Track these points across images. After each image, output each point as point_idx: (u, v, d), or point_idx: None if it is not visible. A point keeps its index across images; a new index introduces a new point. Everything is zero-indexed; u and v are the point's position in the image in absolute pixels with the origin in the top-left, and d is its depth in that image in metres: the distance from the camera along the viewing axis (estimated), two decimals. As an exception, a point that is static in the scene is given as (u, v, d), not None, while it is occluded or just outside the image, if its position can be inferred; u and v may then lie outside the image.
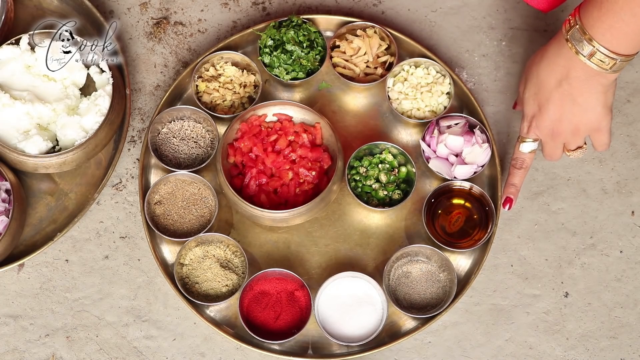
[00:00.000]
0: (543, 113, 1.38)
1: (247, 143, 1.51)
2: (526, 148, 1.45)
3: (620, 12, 1.21)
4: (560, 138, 1.40)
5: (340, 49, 1.58)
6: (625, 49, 1.26)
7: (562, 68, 1.32)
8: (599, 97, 1.34)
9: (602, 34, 1.25)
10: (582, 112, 1.35)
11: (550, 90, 1.35)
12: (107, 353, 1.50)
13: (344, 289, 1.48)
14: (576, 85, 1.32)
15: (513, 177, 1.48)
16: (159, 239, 1.52)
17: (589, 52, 1.27)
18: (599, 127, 1.38)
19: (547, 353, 1.51)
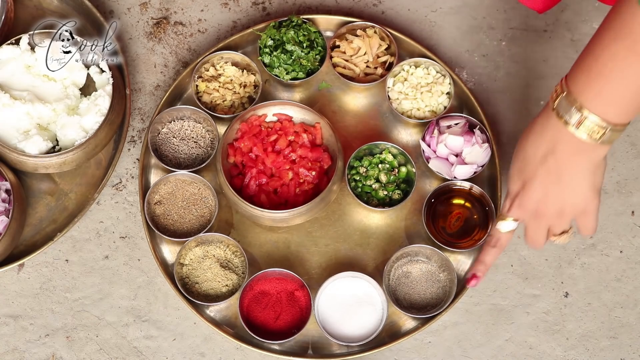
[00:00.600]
0: (527, 191, 1.26)
1: (247, 143, 1.51)
2: (505, 227, 1.33)
3: (610, 75, 1.12)
4: (544, 220, 1.28)
5: (340, 49, 1.58)
6: (615, 115, 1.15)
7: (548, 141, 1.21)
8: (586, 176, 1.23)
9: (590, 99, 1.15)
10: (568, 192, 1.24)
11: (535, 166, 1.24)
12: (107, 353, 1.50)
13: (344, 289, 1.49)
14: (563, 160, 1.21)
15: (485, 254, 1.37)
16: (159, 239, 1.52)
17: (577, 121, 1.16)
18: (586, 210, 1.26)
19: (547, 353, 1.51)
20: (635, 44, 1.08)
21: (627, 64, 1.10)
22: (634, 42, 1.08)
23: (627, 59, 1.10)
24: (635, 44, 1.08)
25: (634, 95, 1.13)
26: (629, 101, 1.14)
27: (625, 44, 1.09)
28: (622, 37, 1.09)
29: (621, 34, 1.09)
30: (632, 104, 1.14)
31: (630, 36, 1.08)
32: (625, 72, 1.11)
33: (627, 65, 1.10)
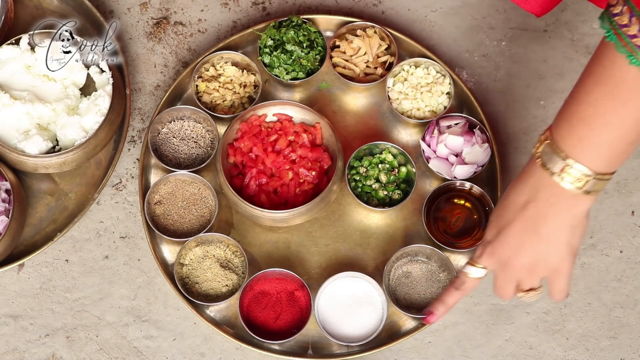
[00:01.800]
0: (501, 239, 1.20)
1: (247, 143, 1.51)
2: (472, 273, 1.26)
3: (592, 121, 1.09)
4: (514, 273, 1.22)
5: (340, 49, 1.58)
6: (598, 164, 1.11)
7: (530, 188, 1.16)
8: (565, 231, 1.17)
9: (573, 146, 1.11)
10: (543, 245, 1.18)
11: (514, 213, 1.18)
12: (107, 353, 1.50)
13: (344, 289, 1.49)
14: (543, 209, 1.16)
15: (447, 295, 1.31)
16: (159, 239, 1.52)
17: (560, 168, 1.12)
18: (559, 269, 1.20)
19: (547, 353, 1.51)
20: (615, 89, 1.06)
21: (608, 109, 1.07)
22: (615, 86, 1.06)
23: (608, 104, 1.07)
24: (616, 88, 1.06)
25: (616, 142, 1.09)
26: (611, 148, 1.10)
27: (606, 89, 1.06)
28: (603, 83, 1.07)
29: (602, 79, 1.07)
30: (615, 152, 1.11)
31: (611, 81, 1.06)
32: (607, 118, 1.08)
33: (608, 111, 1.07)
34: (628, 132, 1.08)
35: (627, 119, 1.07)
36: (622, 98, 1.06)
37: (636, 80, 1.04)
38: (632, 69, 1.03)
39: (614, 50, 1.04)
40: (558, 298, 1.23)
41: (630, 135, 1.09)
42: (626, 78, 1.04)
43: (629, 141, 1.09)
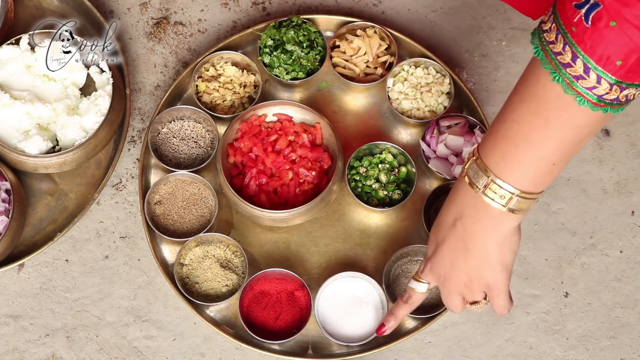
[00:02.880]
0: (437, 256, 1.22)
1: (247, 143, 1.51)
2: (417, 287, 1.28)
3: (515, 138, 1.07)
4: (453, 288, 1.22)
5: (340, 49, 1.58)
6: (521, 182, 1.09)
7: (458, 205, 1.17)
8: (493, 248, 1.16)
9: (496, 162, 1.10)
10: (473, 262, 1.18)
11: (445, 230, 1.19)
12: (107, 353, 1.50)
13: (344, 289, 1.49)
14: (469, 227, 1.15)
15: (397, 308, 1.33)
16: (159, 239, 1.52)
17: (483, 184, 1.11)
18: (493, 286, 1.19)
19: (547, 353, 1.51)
20: (539, 107, 1.05)
21: (532, 128, 1.06)
22: (538, 104, 1.05)
23: (532, 122, 1.06)
24: (540, 106, 1.05)
25: (540, 162, 1.08)
26: (535, 168, 1.09)
27: (530, 107, 1.06)
28: (527, 100, 1.06)
29: (527, 96, 1.06)
30: (538, 171, 1.09)
31: (535, 99, 1.05)
32: (530, 137, 1.07)
33: (531, 130, 1.06)
34: (551, 153, 1.07)
35: (550, 139, 1.06)
36: (545, 117, 1.05)
37: (559, 99, 1.03)
38: (556, 87, 1.02)
39: (540, 67, 1.03)
40: (500, 313, 1.23)
41: (554, 156, 1.07)
42: (549, 97, 1.03)
43: (552, 161, 1.08)
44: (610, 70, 0.98)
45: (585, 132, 1.06)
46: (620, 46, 0.96)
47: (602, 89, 1.00)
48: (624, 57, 0.97)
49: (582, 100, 1.01)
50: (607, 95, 1.00)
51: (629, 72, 0.98)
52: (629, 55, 0.97)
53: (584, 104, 1.01)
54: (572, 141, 1.06)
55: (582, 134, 1.06)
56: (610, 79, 0.99)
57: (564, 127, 1.05)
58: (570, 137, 1.06)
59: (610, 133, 1.60)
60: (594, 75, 0.99)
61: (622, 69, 0.98)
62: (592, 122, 1.04)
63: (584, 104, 1.01)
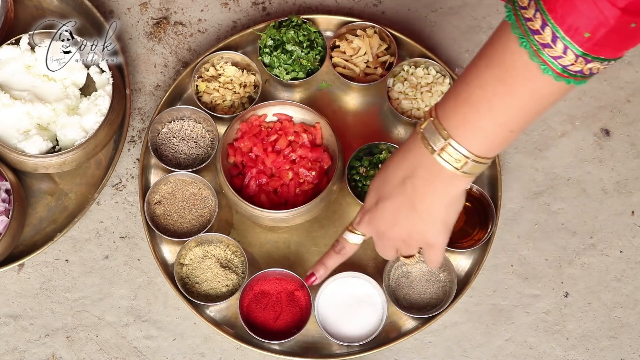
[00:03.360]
0: (378, 210, 1.21)
1: (247, 143, 1.51)
2: (351, 239, 1.28)
3: (477, 103, 1.07)
4: (390, 242, 1.24)
5: (340, 49, 1.58)
6: (478, 147, 1.09)
7: (410, 164, 1.15)
8: (440, 209, 1.17)
9: (455, 126, 1.09)
10: (417, 221, 1.18)
11: (392, 187, 1.18)
12: (107, 353, 1.50)
13: (344, 289, 1.49)
14: (420, 187, 1.15)
15: (327, 257, 1.33)
16: (159, 239, 1.52)
17: (440, 147, 1.11)
18: (433, 243, 1.21)
19: (547, 353, 1.51)
20: (504, 74, 1.04)
21: (495, 94, 1.06)
22: (504, 71, 1.04)
23: (495, 88, 1.05)
24: (505, 73, 1.04)
25: (499, 129, 1.08)
26: (493, 134, 1.09)
27: (495, 72, 1.05)
28: (493, 66, 1.05)
29: (493, 62, 1.05)
30: (496, 138, 1.09)
31: (501, 65, 1.04)
32: (493, 102, 1.06)
33: (494, 96, 1.06)
34: (511, 120, 1.07)
35: (512, 107, 1.06)
36: (509, 85, 1.04)
37: (525, 68, 1.02)
38: (522, 55, 1.01)
39: (509, 32, 1.03)
40: (432, 266, 1.27)
41: (513, 124, 1.07)
42: (516, 65, 1.03)
43: (510, 129, 1.08)
44: (578, 41, 0.98)
45: (546, 103, 1.06)
46: (590, 18, 0.96)
47: (567, 59, 0.99)
48: (592, 30, 0.96)
49: (546, 68, 1.01)
50: (571, 67, 1.00)
51: (595, 45, 0.98)
52: (597, 28, 0.96)
53: (548, 72, 1.01)
54: (533, 110, 1.06)
55: (544, 104, 1.06)
56: (576, 50, 0.98)
57: (527, 97, 1.05)
58: (531, 106, 1.06)
59: (610, 133, 1.60)
60: (560, 45, 0.99)
61: (589, 42, 0.97)
62: (555, 92, 1.04)
63: (548, 73, 1.01)
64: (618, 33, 0.97)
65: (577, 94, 1.61)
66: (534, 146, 1.59)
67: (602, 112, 1.61)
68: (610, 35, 0.97)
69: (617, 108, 1.61)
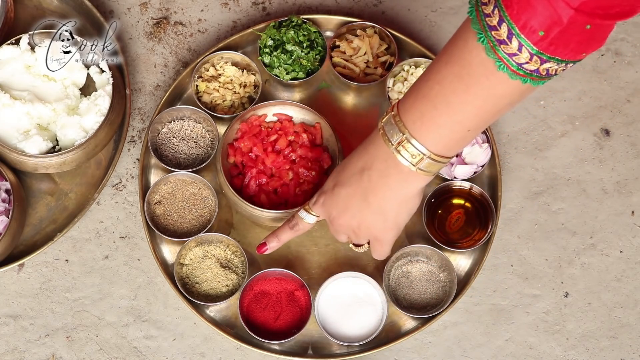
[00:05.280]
0: (333, 195, 1.23)
1: (247, 143, 1.51)
2: (306, 218, 1.32)
3: (435, 99, 1.07)
4: (339, 229, 1.26)
5: (340, 49, 1.58)
6: (433, 143, 1.10)
7: (369, 156, 1.17)
8: (391, 206, 1.18)
9: (413, 121, 1.10)
10: (368, 214, 1.20)
11: (350, 176, 1.20)
12: (107, 353, 1.50)
13: (344, 289, 1.49)
14: (375, 179, 1.16)
15: (281, 231, 1.36)
16: (159, 239, 1.52)
17: (397, 141, 1.12)
18: (381, 238, 1.24)
19: (547, 353, 1.51)
20: (462, 70, 1.04)
21: (453, 91, 1.06)
22: (462, 67, 1.04)
23: (452, 84, 1.06)
24: (462, 69, 1.04)
25: (455, 127, 1.08)
26: (450, 132, 1.09)
27: (454, 69, 1.05)
28: (452, 62, 1.06)
29: (452, 58, 1.06)
30: (453, 136, 1.09)
31: (460, 62, 1.05)
32: (450, 99, 1.06)
33: (452, 93, 1.06)
34: (468, 119, 1.07)
35: (469, 105, 1.06)
36: (466, 82, 1.04)
37: (481, 64, 1.02)
38: (480, 51, 1.01)
39: (469, 28, 1.03)
40: (377, 258, 1.31)
41: (470, 122, 1.07)
42: (473, 61, 1.03)
43: (467, 127, 1.08)
44: (532, 39, 0.98)
45: (503, 103, 1.06)
46: (545, 17, 0.96)
47: (522, 57, 0.99)
48: (546, 28, 0.96)
49: (502, 65, 1.01)
50: (527, 65, 1.00)
51: (550, 44, 0.98)
52: (551, 27, 0.96)
53: (503, 69, 1.01)
54: (489, 110, 1.06)
55: (501, 104, 1.06)
56: (531, 48, 0.98)
57: (484, 95, 1.05)
58: (488, 105, 1.06)
59: (610, 133, 1.60)
60: (516, 42, 0.99)
61: (544, 41, 0.97)
62: (512, 92, 1.04)
63: (503, 70, 1.01)
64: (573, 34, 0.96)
65: (577, 94, 1.62)
66: (534, 146, 1.59)
67: (602, 112, 1.61)
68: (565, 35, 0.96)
69: (617, 108, 1.61)
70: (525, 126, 1.60)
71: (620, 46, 1.64)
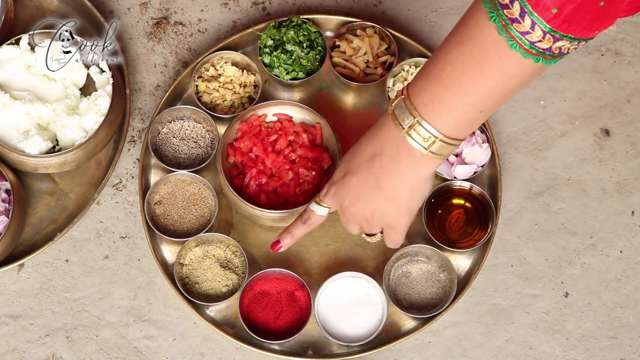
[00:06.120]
0: (344, 184, 1.22)
1: (247, 143, 1.51)
2: (317, 211, 1.29)
3: (446, 80, 1.06)
4: (352, 218, 1.24)
5: (340, 49, 1.58)
6: (445, 125, 1.09)
7: (379, 141, 1.15)
8: (405, 191, 1.16)
9: (424, 104, 1.08)
10: (380, 201, 1.18)
11: (360, 163, 1.18)
12: (107, 353, 1.50)
13: (344, 289, 1.49)
14: (386, 165, 1.15)
15: (294, 227, 1.35)
16: (159, 239, 1.52)
17: (408, 124, 1.10)
18: (395, 225, 1.22)
19: (547, 353, 1.51)
20: (474, 50, 1.03)
21: (465, 72, 1.05)
22: (474, 48, 1.03)
23: (464, 65, 1.04)
24: (474, 50, 1.03)
25: (467, 108, 1.07)
26: (462, 114, 1.08)
27: (466, 50, 1.04)
28: (463, 43, 1.04)
29: (464, 39, 1.04)
30: (464, 118, 1.08)
31: (471, 42, 1.03)
32: (462, 81, 1.05)
33: (464, 74, 1.05)
34: (480, 100, 1.06)
35: (481, 86, 1.05)
36: (478, 62, 1.03)
37: (494, 44, 1.01)
38: (492, 31, 1.00)
39: (481, 8, 1.01)
40: (391, 246, 1.28)
41: (482, 103, 1.06)
42: (485, 41, 1.02)
43: (479, 109, 1.07)
44: (545, 17, 0.97)
45: (515, 83, 1.05)
46: None
47: (535, 35, 0.98)
48: (560, 6, 0.95)
49: (514, 44, 1.00)
50: (539, 44, 0.99)
51: (563, 22, 0.96)
52: (565, 4, 0.95)
53: (515, 48, 1.00)
54: (502, 90, 1.05)
55: (513, 84, 1.05)
56: (544, 26, 0.97)
57: (496, 75, 1.04)
58: (500, 85, 1.05)
59: (610, 133, 1.60)
60: (528, 21, 0.97)
61: (557, 18, 0.96)
62: (524, 72, 1.03)
63: (515, 49, 1.00)
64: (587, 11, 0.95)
65: (577, 94, 1.61)
66: (534, 146, 1.59)
67: (602, 112, 1.61)
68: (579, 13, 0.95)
69: (617, 108, 1.61)
70: (525, 126, 1.60)
71: (620, 46, 1.64)
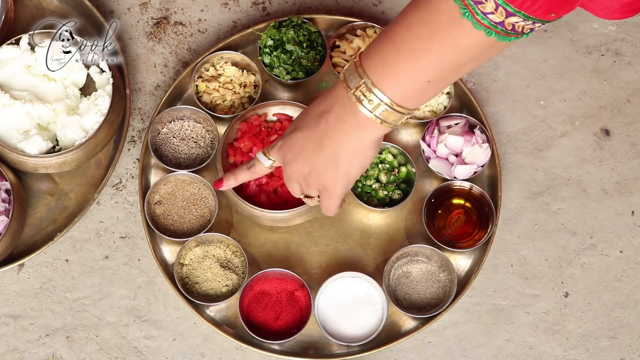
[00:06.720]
0: (291, 139, 1.21)
1: (247, 143, 1.51)
2: (263, 161, 1.28)
3: (399, 44, 1.04)
4: (292, 175, 1.23)
5: (340, 49, 1.58)
6: (392, 90, 1.07)
7: (330, 100, 1.14)
8: (345, 154, 1.15)
9: (375, 65, 1.07)
10: (320, 159, 1.17)
11: (309, 119, 1.17)
12: (107, 353, 1.50)
13: (344, 289, 1.49)
14: (332, 123, 1.14)
15: (239, 171, 1.34)
16: (159, 239, 1.52)
17: (355, 85, 1.09)
18: (330, 188, 1.20)
19: (547, 353, 1.51)
20: (429, 16, 1.02)
21: (417, 36, 1.03)
22: (429, 14, 1.02)
23: (419, 30, 1.03)
24: (430, 16, 1.02)
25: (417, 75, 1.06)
26: (411, 80, 1.06)
27: (422, 15, 1.03)
28: (420, 8, 1.03)
29: (422, 4, 1.03)
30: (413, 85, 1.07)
31: (428, 8, 1.02)
32: (414, 44, 1.04)
33: (416, 37, 1.03)
34: (429, 68, 1.05)
35: (431, 53, 1.03)
36: (432, 28, 1.02)
37: (448, 12, 1.00)
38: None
39: None
40: (326, 214, 1.25)
41: (431, 72, 1.05)
42: (441, 8, 1.01)
43: (428, 77, 1.06)
44: None
45: (467, 56, 1.03)
46: None
47: (488, 6, 0.97)
48: None
49: (467, 12, 0.98)
50: (492, 16, 0.97)
51: None
52: None
53: (468, 17, 0.98)
54: (452, 61, 1.04)
55: (464, 57, 1.04)
56: None
57: (447, 43, 1.02)
58: (451, 56, 1.03)
59: (610, 133, 1.60)
60: None
61: None
62: (476, 45, 1.02)
63: (467, 17, 0.98)
64: None
65: (577, 94, 1.62)
66: (534, 146, 1.59)
67: (602, 112, 1.61)
68: None
69: (617, 108, 1.61)
70: (525, 126, 1.60)
71: (620, 46, 1.64)
